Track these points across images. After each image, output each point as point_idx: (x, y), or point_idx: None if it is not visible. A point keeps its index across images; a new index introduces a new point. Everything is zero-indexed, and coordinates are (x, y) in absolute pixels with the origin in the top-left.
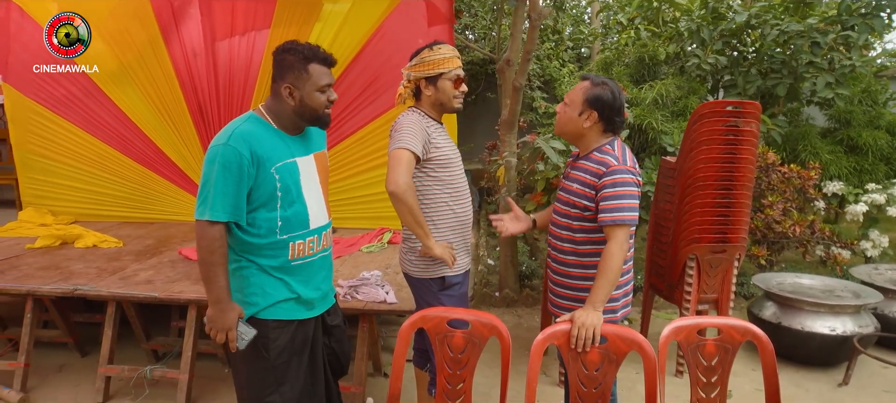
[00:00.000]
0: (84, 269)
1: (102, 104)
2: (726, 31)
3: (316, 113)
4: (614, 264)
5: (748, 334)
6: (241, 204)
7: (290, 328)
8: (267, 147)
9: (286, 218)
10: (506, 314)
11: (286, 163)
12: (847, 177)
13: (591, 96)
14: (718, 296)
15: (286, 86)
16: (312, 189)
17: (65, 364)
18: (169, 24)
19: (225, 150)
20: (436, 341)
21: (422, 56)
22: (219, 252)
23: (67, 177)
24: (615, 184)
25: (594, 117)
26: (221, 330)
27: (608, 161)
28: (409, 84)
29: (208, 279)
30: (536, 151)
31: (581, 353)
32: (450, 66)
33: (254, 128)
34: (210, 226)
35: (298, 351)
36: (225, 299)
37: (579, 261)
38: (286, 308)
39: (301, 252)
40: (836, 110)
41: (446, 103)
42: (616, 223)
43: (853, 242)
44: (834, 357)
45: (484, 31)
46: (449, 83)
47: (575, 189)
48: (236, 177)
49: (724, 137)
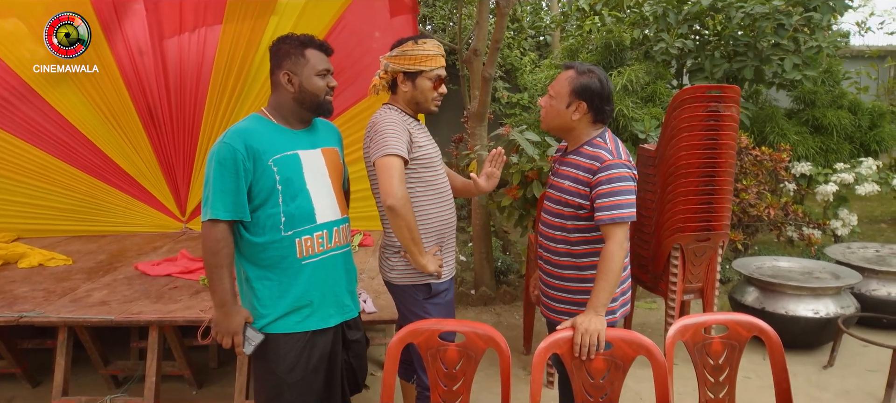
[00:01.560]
0: (30, 292)
1: (43, 112)
2: (690, 14)
3: (317, 98)
4: (615, 265)
5: (755, 329)
6: (242, 200)
7: (302, 340)
8: (264, 140)
9: (289, 213)
10: (484, 313)
11: (286, 155)
12: (814, 158)
13: (578, 86)
14: (703, 285)
15: (284, 73)
16: (319, 182)
17: (14, 396)
18: (110, 20)
19: (219, 147)
20: (427, 356)
21: (404, 48)
22: (223, 253)
23: (6, 192)
24: (611, 179)
25: (583, 108)
26: (227, 334)
27: (602, 155)
28: (386, 75)
29: (212, 281)
30: (511, 144)
31: (585, 361)
32: (433, 64)
33: (252, 124)
34: (213, 226)
35: (315, 368)
36: (230, 302)
37: (575, 263)
38: (296, 319)
39: (310, 249)
40: (802, 91)
41: (422, 103)
42: (614, 221)
43: (824, 222)
44: (818, 340)
45: (442, 21)
46: (429, 82)
47: (567, 186)
48: (232, 172)
49: (705, 123)
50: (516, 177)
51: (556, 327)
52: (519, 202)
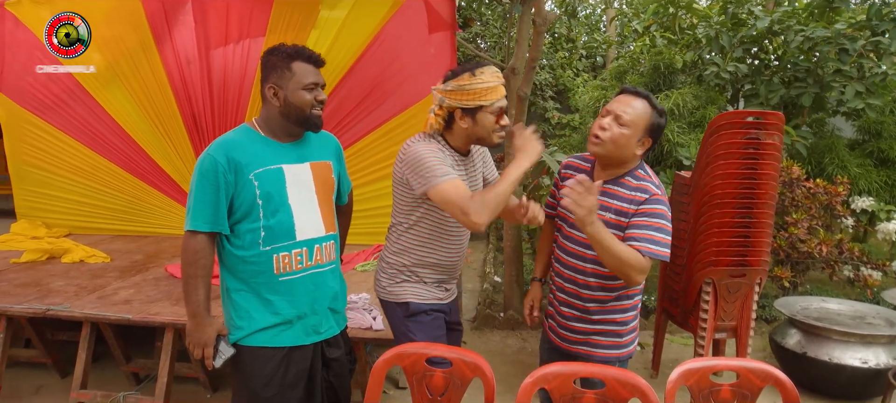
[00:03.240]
0: (64, 287)
1: (96, 114)
2: (747, 37)
3: (302, 113)
4: (625, 264)
5: (769, 379)
6: (222, 212)
7: (278, 356)
8: (247, 153)
9: (269, 228)
10: (510, 337)
11: (269, 170)
12: (878, 193)
13: (655, 124)
14: (737, 324)
15: (270, 86)
16: (303, 198)
17: (43, 385)
18: (162, 30)
19: (203, 159)
20: (412, 381)
21: (461, 82)
22: (200, 263)
23: (62, 189)
24: (655, 213)
25: (648, 145)
26: (198, 345)
27: (649, 188)
28: (441, 111)
29: (187, 291)
30: (541, 165)
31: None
32: (493, 97)
33: (238, 136)
34: (192, 237)
35: (291, 384)
36: (202, 313)
37: (607, 296)
38: (271, 334)
39: (287, 266)
40: (866, 121)
41: (485, 138)
42: (652, 255)
43: (885, 263)
44: (866, 392)
45: (495, 39)
46: (491, 117)
47: (609, 218)
48: (213, 184)
49: (743, 151)
50: (545, 199)
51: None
52: None
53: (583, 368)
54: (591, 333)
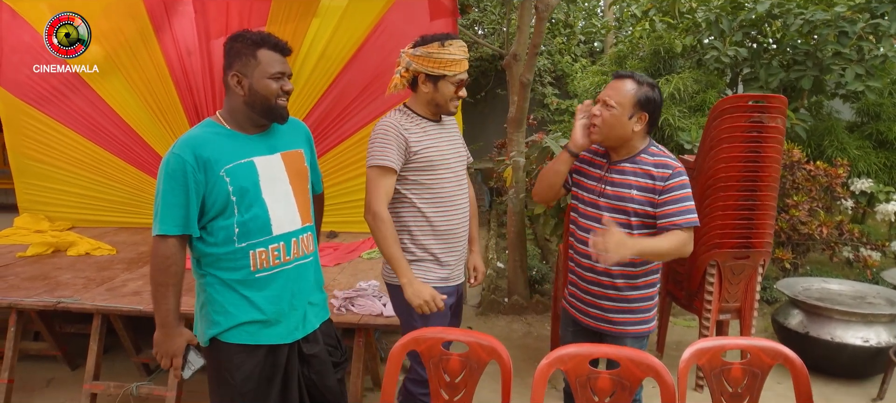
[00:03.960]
0: (72, 279)
1: (97, 106)
2: (746, 21)
3: (267, 103)
4: (667, 247)
5: (779, 357)
6: (192, 214)
7: (258, 353)
8: (215, 149)
9: (243, 224)
10: (515, 322)
11: (240, 164)
12: (876, 174)
13: (643, 97)
14: (741, 305)
15: (234, 74)
16: (277, 191)
17: (53, 378)
18: (162, 20)
19: (168, 159)
20: (429, 365)
21: (429, 49)
22: (171, 270)
23: (64, 182)
24: (681, 186)
25: (645, 119)
26: (166, 355)
27: (669, 163)
28: (407, 73)
29: (156, 299)
30: (545, 151)
31: (619, 385)
32: (457, 68)
33: (203, 131)
34: (161, 242)
35: (268, 378)
36: (172, 322)
37: (633, 271)
38: (250, 331)
39: (264, 262)
40: (865, 103)
41: (442, 105)
42: (689, 225)
43: (884, 243)
44: (867, 370)
45: (493, 26)
46: (451, 87)
47: (634, 196)
48: (182, 185)
49: (747, 134)
50: None
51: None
52: (553, 210)
53: (597, 349)
54: (621, 310)
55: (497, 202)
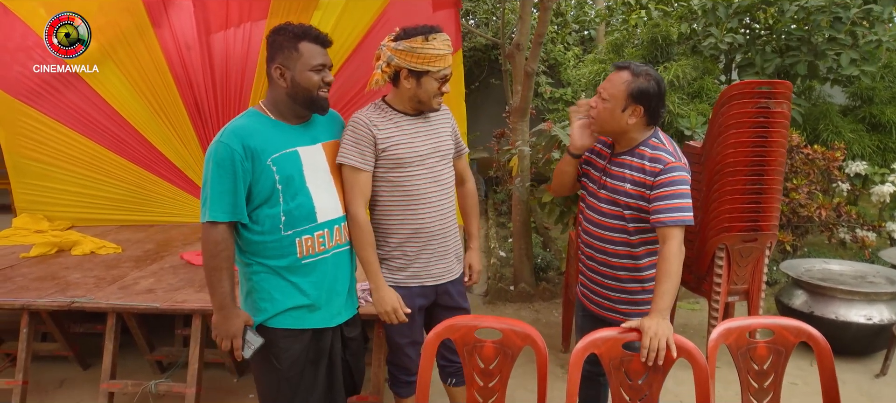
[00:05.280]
0: (82, 279)
1: (94, 103)
2: (741, 7)
3: (310, 94)
4: (677, 267)
5: (803, 335)
6: (241, 201)
7: (304, 337)
8: (261, 139)
9: (289, 212)
10: (522, 309)
11: (285, 154)
12: (870, 157)
13: (636, 90)
14: (749, 287)
15: (277, 66)
16: (320, 180)
17: (66, 378)
18: (160, 15)
19: (217, 148)
20: (464, 352)
21: (413, 44)
22: (222, 255)
23: (62, 181)
24: (673, 182)
25: (639, 112)
26: (226, 337)
27: (664, 157)
28: (389, 69)
29: (212, 283)
30: (552, 140)
31: (652, 367)
32: (440, 64)
33: (249, 121)
34: (212, 228)
35: (313, 361)
36: (229, 305)
37: (635, 264)
38: (297, 316)
39: (310, 249)
40: (858, 87)
41: (425, 102)
42: (676, 223)
43: (880, 224)
44: (870, 347)
45: (486, 16)
46: (435, 83)
47: (628, 189)
48: (231, 173)
49: (754, 120)
50: None
51: (622, 325)
52: (560, 198)
53: (630, 334)
54: (625, 302)
55: (494, 191)
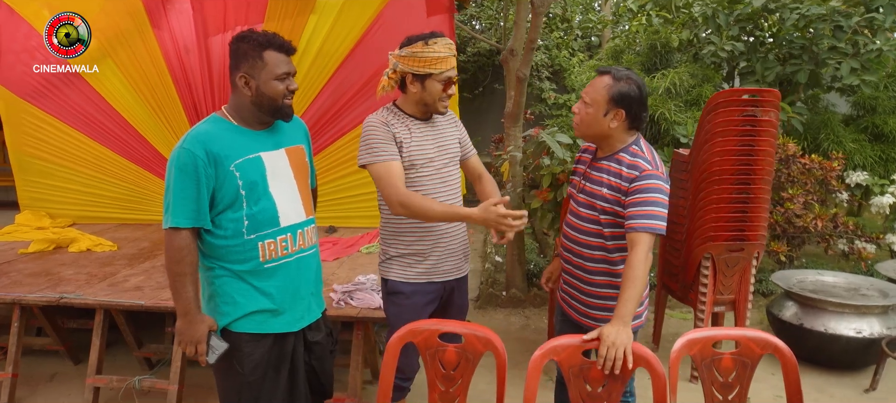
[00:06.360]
0: (74, 275)
1: (96, 104)
2: (742, 15)
3: (274, 103)
4: (642, 274)
5: (769, 347)
6: (203, 207)
7: (266, 342)
8: (224, 144)
9: (252, 216)
10: (513, 314)
11: (249, 159)
12: (872, 167)
13: (616, 93)
14: (736, 297)
15: (241, 75)
16: (284, 184)
17: (57, 372)
18: (160, 18)
19: (179, 154)
20: (426, 356)
21: (414, 49)
22: (186, 261)
23: (64, 180)
24: (648, 189)
25: (621, 116)
26: (190, 342)
27: (640, 165)
28: (395, 74)
29: (175, 289)
30: (541, 146)
31: (609, 375)
32: (443, 66)
33: (211, 127)
34: (175, 234)
35: (274, 366)
36: (193, 310)
37: (610, 269)
38: (259, 320)
39: (273, 253)
40: (860, 97)
41: (430, 105)
42: (646, 231)
43: (879, 236)
44: (860, 361)
45: (490, 20)
46: (438, 85)
47: (605, 194)
48: (194, 179)
49: (740, 128)
50: (547, 180)
51: (585, 334)
52: (550, 204)
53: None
54: (600, 308)
55: None
